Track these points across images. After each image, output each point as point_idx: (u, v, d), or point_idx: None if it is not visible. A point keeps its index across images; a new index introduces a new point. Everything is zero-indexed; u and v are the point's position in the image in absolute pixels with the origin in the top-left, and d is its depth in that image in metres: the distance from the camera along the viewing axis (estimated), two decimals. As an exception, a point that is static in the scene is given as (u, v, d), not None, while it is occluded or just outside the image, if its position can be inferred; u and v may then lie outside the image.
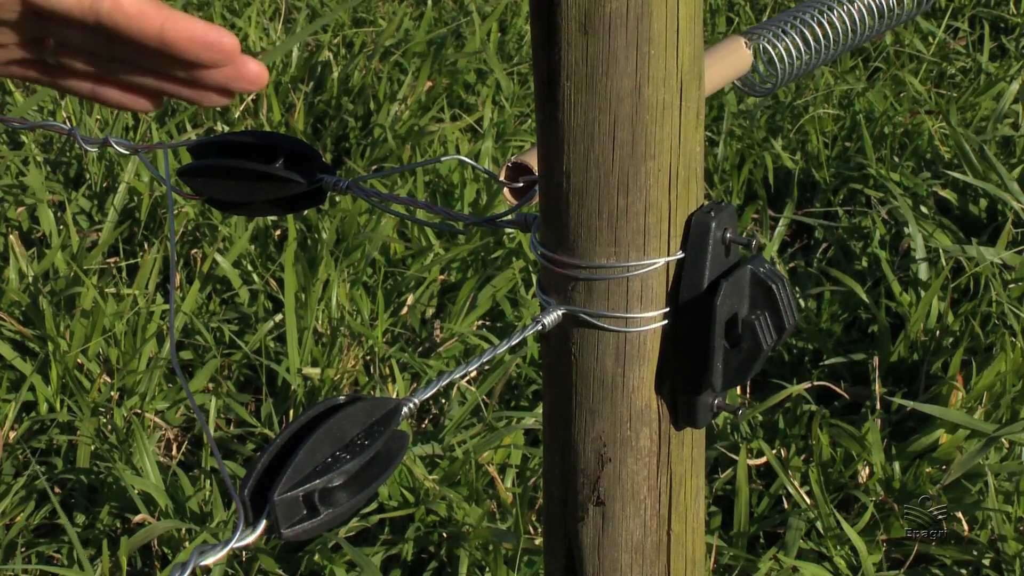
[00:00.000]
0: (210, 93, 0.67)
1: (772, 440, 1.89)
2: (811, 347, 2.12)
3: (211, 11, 3.28)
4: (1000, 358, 1.91)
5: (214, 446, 0.65)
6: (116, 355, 2.01)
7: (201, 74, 0.65)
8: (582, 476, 0.78)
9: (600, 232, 0.71)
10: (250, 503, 0.61)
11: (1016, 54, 3.18)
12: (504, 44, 3.20)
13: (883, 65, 3.11)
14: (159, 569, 1.73)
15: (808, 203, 2.57)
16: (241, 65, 0.65)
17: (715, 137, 2.71)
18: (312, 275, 2.10)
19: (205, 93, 0.66)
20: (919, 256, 2.21)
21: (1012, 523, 1.71)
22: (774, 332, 0.73)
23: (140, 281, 2.14)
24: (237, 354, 2.07)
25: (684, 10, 0.68)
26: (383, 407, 0.66)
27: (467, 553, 1.66)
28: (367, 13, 3.36)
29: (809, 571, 1.65)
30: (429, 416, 2.00)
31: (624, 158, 0.69)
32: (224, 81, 0.65)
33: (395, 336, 2.15)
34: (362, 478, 0.64)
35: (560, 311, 0.74)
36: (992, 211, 2.45)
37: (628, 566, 0.79)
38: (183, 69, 0.65)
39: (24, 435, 1.93)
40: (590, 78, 0.67)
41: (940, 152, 2.64)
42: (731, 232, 0.73)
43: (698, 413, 0.76)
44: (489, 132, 2.58)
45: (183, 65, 0.65)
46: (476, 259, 2.28)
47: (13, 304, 2.12)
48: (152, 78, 0.67)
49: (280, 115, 2.76)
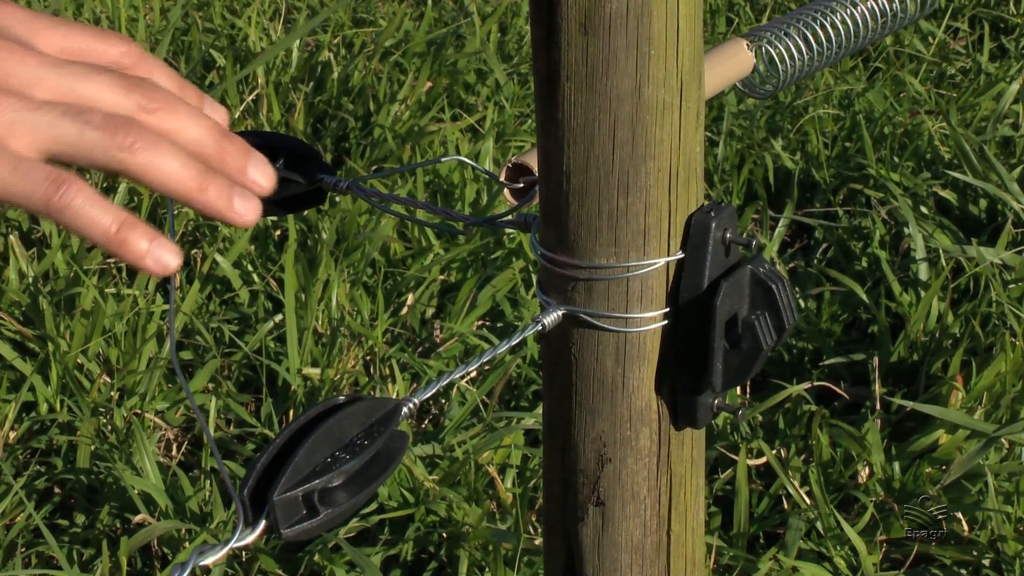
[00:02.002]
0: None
1: (772, 440, 1.89)
2: (811, 347, 2.12)
3: (211, 11, 3.28)
4: (1000, 358, 1.91)
5: (214, 446, 0.65)
6: (116, 355, 2.01)
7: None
8: (582, 476, 0.78)
9: (600, 232, 0.71)
10: (250, 503, 0.61)
11: (1016, 54, 3.18)
12: (504, 44, 3.20)
13: (883, 65, 3.11)
14: (159, 569, 1.73)
15: (808, 203, 2.57)
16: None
17: (715, 137, 2.71)
18: (312, 275, 2.10)
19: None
20: (919, 256, 2.21)
21: (1012, 523, 1.71)
22: (774, 332, 0.73)
23: (140, 281, 2.14)
24: (237, 354, 2.07)
25: (684, 10, 0.68)
26: (383, 407, 0.66)
27: (467, 553, 1.66)
28: (367, 13, 3.36)
29: (809, 571, 1.65)
30: (429, 416, 2.00)
31: (624, 158, 0.69)
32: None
33: (395, 336, 2.15)
34: (362, 478, 0.64)
35: (560, 311, 0.74)
36: (992, 211, 2.45)
37: (628, 566, 0.79)
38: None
39: (24, 435, 1.93)
40: (590, 78, 0.67)
41: (940, 152, 2.64)
42: (731, 232, 0.73)
43: (698, 413, 0.76)
44: (489, 132, 2.58)
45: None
46: (476, 259, 2.28)
47: (13, 304, 2.12)
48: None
49: (280, 115, 2.76)
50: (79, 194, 0.65)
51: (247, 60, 2.97)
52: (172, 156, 0.68)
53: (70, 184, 0.65)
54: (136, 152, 0.67)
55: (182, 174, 0.68)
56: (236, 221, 0.70)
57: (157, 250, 0.66)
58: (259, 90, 2.81)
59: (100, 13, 3.21)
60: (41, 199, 0.65)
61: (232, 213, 0.70)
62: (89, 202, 0.66)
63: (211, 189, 0.69)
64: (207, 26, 3.22)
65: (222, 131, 0.73)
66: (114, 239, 0.66)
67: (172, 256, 0.67)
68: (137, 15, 3.21)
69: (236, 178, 0.72)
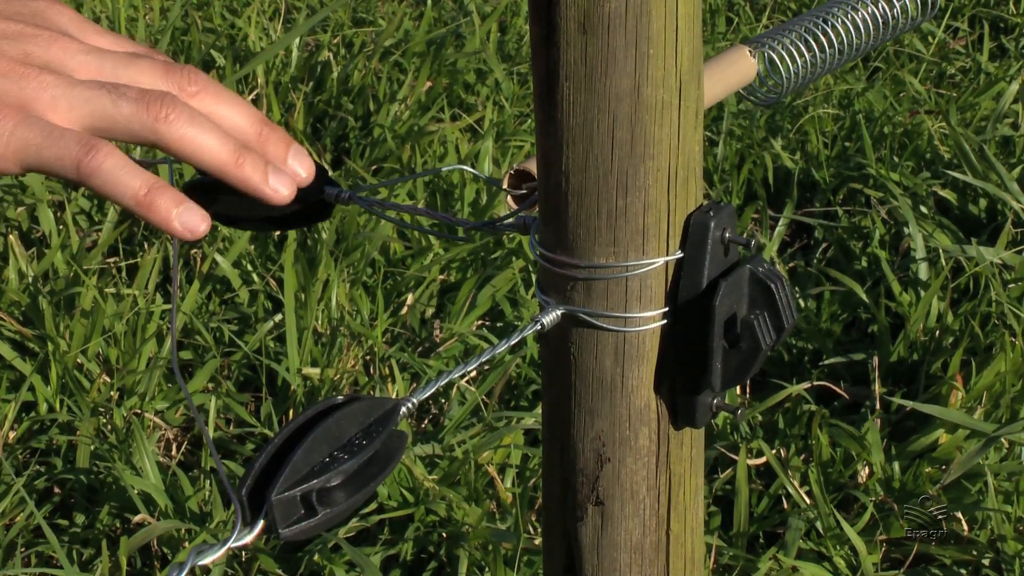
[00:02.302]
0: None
1: (772, 440, 1.89)
2: (811, 347, 2.12)
3: (211, 10, 3.28)
4: (1000, 358, 1.91)
5: (212, 447, 0.65)
6: (116, 355, 2.01)
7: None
8: (581, 476, 0.78)
9: (599, 232, 0.71)
10: (248, 503, 0.61)
11: (1016, 54, 3.18)
12: (504, 44, 3.20)
13: (883, 65, 3.11)
14: (159, 569, 1.73)
15: (808, 203, 2.57)
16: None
17: (715, 137, 2.71)
18: (312, 275, 2.10)
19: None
20: (919, 256, 2.21)
21: (1012, 523, 1.71)
22: (773, 332, 0.73)
23: (140, 281, 2.14)
24: (237, 354, 2.07)
25: (683, 9, 0.68)
26: (381, 407, 0.66)
27: (467, 553, 1.66)
28: (367, 13, 3.36)
29: (809, 571, 1.65)
30: (429, 416, 2.00)
31: (623, 158, 0.69)
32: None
33: (395, 336, 2.15)
34: (360, 478, 0.64)
35: (559, 311, 0.74)
36: (992, 211, 2.45)
37: (627, 566, 0.79)
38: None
39: (24, 435, 1.93)
40: (589, 78, 0.67)
41: (940, 152, 2.64)
42: (730, 232, 0.73)
43: (697, 413, 0.76)
44: (489, 132, 2.58)
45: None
46: (476, 259, 2.28)
47: (13, 304, 2.12)
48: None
49: (280, 115, 2.76)
50: (109, 157, 0.66)
51: (247, 60, 2.97)
52: (209, 130, 0.69)
53: (100, 148, 0.66)
54: (172, 124, 0.68)
55: (219, 147, 0.69)
56: (271, 197, 0.71)
57: (185, 214, 0.67)
58: (259, 90, 2.81)
59: (100, 13, 3.21)
60: (72, 162, 0.66)
61: (267, 188, 0.71)
62: (119, 166, 0.66)
63: (247, 164, 0.70)
64: (207, 26, 3.22)
65: (263, 119, 0.73)
66: (143, 202, 0.67)
67: (200, 220, 0.68)
68: (137, 15, 3.21)
69: (276, 165, 0.73)
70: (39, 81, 0.67)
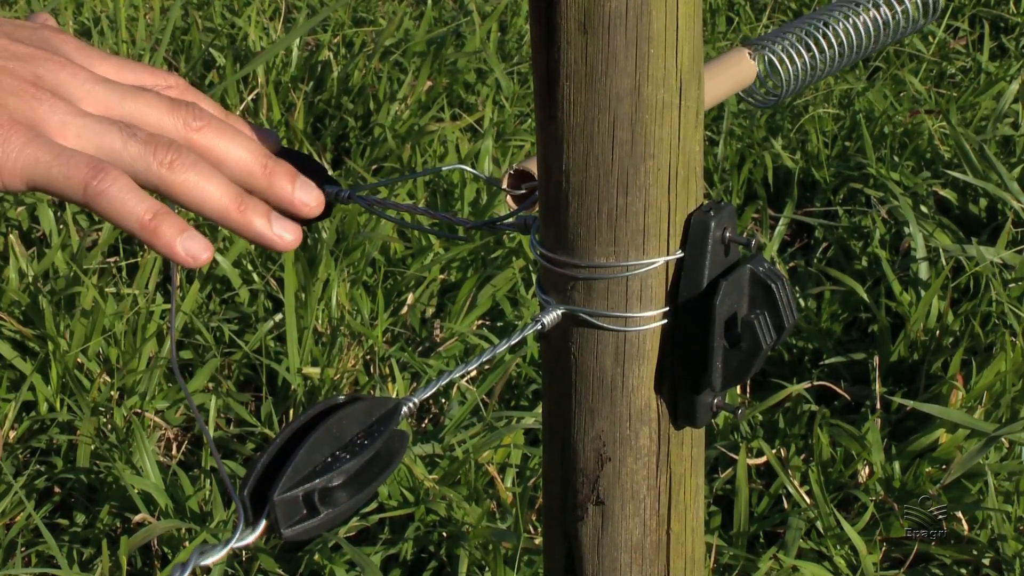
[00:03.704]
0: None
1: (772, 440, 1.89)
2: (811, 347, 2.12)
3: (211, 10, 3.28)
4: (1000, 357, 1.91)
5: (213, 446, 0.66)
6: (116, 355, 2.01)
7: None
8: (581, 475, 0.78)
9: (599, 231, 0.71)
10: (250, 503, 0.61)
11: (1016, 54, 3.18)
12: (504, 44, 3.20)
13: (883, 65, 3.11)
14: (159, 569, 1.73)
15: (808, 203, 2.57)
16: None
17: (715, 137, 2.71)
18: (312, 275, 2.10)
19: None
20: (919, 256, 2.21)
21: (1012, 523, 1.71)
22: (773, 331, 0.73)
23: (140, 281, 2.14)
24: (237, 354, 2.07)
25: (683, 9, 0.68)
26: (383, 406, 0.66)
27: (467, 553, 1.66)
28: (367, 12, 3.36)
29: (809, 571, 1.65)
30: (429, 416, 2.00)
31: (623, 157, 0.69)
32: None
33: (395, 336, 2.15)
34: (362, 478, 0.64)
35: (559, 310, 0.74)
36: (992, 211, 2.45)
37: (627, 565, 0.79)
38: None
39: (24, 435, 1.93)
40: (589, 77, 0.67)
41: (940, 152, 2.64)
42: (730, 231, 0.73)
43: (697, 412, 0.76)
44: (489, 132, 2.58)
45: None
46: (476, 259, 2.28)
47: (13, 304, 2.12)
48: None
49: (280, 114, 2.76)
50: (116, 181, 0.67)
51: (247, 59, 2.97)
52: (211, 177, 0.70)
53: (108, 171, 0.67)
54: (175, 169, 0.69)
55: (220, 195, 0.70)
56: (277, 244, 0.72)
57: (188, 241, 0.68)
58: (259, 89, 2.81)
59: (100, 13, 3.21)
60: (80, 183, 0.66)
61: (271, 235, 0.72)
62: (126, 190, 0.67)
63: (249, 210, 0.71)
64: (207, 25, 3.22)
65: (268, 154, 0.74)
66: (148, 227, 0.67)
67: (202, 248, 0.68)
68: (137, 15, 3.21)
69: (284, 199, 0.74)
70: (50, 104, 0.68)
